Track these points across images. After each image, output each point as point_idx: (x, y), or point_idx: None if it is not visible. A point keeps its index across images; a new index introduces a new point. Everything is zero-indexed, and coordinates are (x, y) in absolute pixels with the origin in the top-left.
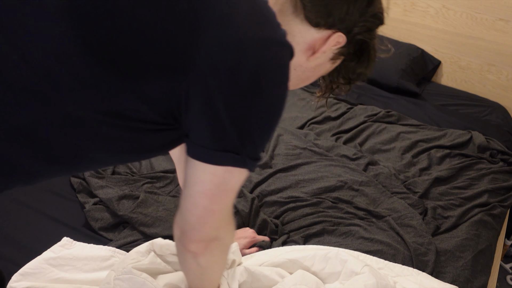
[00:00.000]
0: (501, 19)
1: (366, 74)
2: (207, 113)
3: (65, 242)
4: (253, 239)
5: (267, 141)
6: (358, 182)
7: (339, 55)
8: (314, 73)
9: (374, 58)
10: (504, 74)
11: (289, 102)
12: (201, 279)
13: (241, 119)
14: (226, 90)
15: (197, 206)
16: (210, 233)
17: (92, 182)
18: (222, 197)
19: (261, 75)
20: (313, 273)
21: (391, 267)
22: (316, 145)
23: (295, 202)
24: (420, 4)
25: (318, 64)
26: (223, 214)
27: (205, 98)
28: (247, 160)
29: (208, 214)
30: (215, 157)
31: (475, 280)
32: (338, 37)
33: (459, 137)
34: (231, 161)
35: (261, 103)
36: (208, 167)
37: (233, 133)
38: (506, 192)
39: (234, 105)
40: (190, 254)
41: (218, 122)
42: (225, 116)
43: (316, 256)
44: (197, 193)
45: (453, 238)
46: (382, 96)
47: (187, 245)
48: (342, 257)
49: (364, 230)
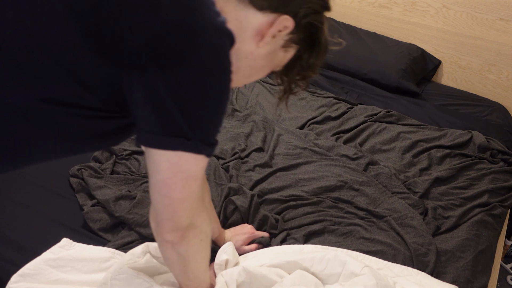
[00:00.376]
0: (502, 18)
1: (317, 64)
2: (150, 100)
3: (65, 243)
4: (252, 235)
5: (216, 126)
6: (359, 182)
7: (291, 42)
8: (267, 62)
9: (326, 47)
10: (505, 74)
11: (289, 102)
12: (185, 271)
13: (184, 103)
14: (165, 76)
15: (162, 196)
16: (183, 222)
17: (91, 183)
18: (184, 185)
19: (198, 60)
20: (313, 273)
21: (390, 267)
22: (316, 145)
23: (295, 201)
24: (420, 3)
25: (270, 51)
26: (192, 202)
27: (145, 85)
28: (200, 145)
29: (175, 203)
30: (164, 142)
31: (475, 280)
32: (285, 20)
33: (459, 137)
34: (181, 145)
35: (202, 88)
36: (161, 154)
37: (178, 117)
38: (506, 192)
39: (175, 90)
40: (168, 244)
41: (162, 108)
42: (168, 101)
43: (315, 258)
44: (158, 182)
45: (453, 238)
46: (382, 96)
47: (163, 235)
48: (341, 258)
49: (364, 230)
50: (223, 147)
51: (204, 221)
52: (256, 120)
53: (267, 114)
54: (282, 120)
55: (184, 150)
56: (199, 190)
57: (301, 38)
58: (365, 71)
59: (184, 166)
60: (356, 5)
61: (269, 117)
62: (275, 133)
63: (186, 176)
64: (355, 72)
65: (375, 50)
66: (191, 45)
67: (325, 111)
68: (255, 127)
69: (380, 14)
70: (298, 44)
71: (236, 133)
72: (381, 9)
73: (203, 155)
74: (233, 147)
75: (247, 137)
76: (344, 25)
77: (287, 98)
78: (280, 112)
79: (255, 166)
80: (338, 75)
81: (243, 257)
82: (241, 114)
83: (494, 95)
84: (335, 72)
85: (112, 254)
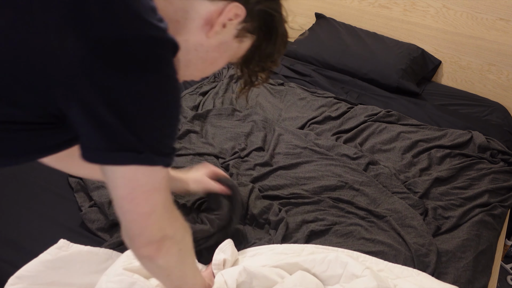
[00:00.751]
0: (502, 18)
1: (276, 54)
2: (91, 118)
3: (62, 244)
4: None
5: (169, 135)
6: (359, 182)
7: (245, 31)
8: (221, 54)
9: (284, 36)
10: (505, 74)
11: (289, 102)
12: (171, 280)
13: (127, 117)
14: (103, 91)
15: (126, 212)
16: (155, 235)
17: (89, 183)
18: (147, 199)
19: (138, 73)
20: (313, 274)
21: (391, 268)
22: (317, 145)
23: (296, 199)
24: (420, 3)
25: (221, 41)
26: (160, 214)
27: (83, 102)
28: (154, 157)
29: (141, 217)
30: (113, 158)
31: (476, 281)
32: (235, 8)
33: (459, 137)
34: (133, 160)
35: (145, 99)
36: (114, 171)
37: (123, 131)
38: (506, 192)
39: (115, 104)
40: (145, 259)
41: (103, 123)
42: (109, 116)
43: (316, 259)
44: (119, 199)
45: (454, 239)
46: (383, 96)
47: (138, 251)
48: (342, 259)
49: (365, 230)
50: (222, 146)
51: (178, 230)
52: (256, 120)
53: (267, 114)
54: (282, 120)
55: (137, 164)
56: (166, 200)
57: (255, 27)
58: (365, 71)
59: (142, 180)
60: (356, 5)
61: (269, 117)
62: (276, 133)
63: (147, 189)
64: (355, 72)
65: (375, 50)
66: (129, 58)
67: (325, 111)
68: (255, 127)
69: (380, 14)
70: (253, 33)
71: (236, 132)
72: (381, 9)
73: (159, 166)
74: (233, 147)
75: (247, 136)
76: (344, 25)
77: (248, 91)
78: (280, 112)
79: (255, 165)
80: (338, 75)
81: (241, 256)
82: (241, 114)
83: (494, 95)
84: (335, 72)
85: (110, 255)
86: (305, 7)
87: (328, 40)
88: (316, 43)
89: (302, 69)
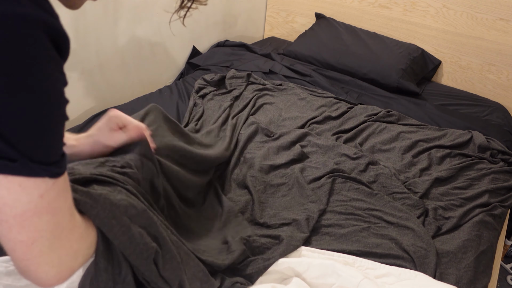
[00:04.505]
0: (502, 18)
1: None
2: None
3: None
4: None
5: (50, 137)
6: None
7: None
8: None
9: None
10: (505, 74)
11: (289, 102)
12: None
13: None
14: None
15: (14, 245)
16: (60, 269)
17: None
18: (22, 224)
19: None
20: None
21: (389, 270)
22: (317, 145)
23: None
24: (420, 3)
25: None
26: (47, 243)
27: None
28: (32, 166)
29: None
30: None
31: (477, 281)
32: None
33: (459, 137)
34: (4, 169)
35: (7, 95)
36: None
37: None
38: (506, 192)
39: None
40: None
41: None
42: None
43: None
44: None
45: (455, 239)
46: (383, 96)
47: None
48: (338, 271)
49: (362, 232)
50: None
51: (82, 246)
52: (257, 122)
53: (268, 116)
54: (282, 120)
55: (8, 174)
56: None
57: None
58: (365, 71)
59: (15, 196)
60: (356, 5)
61: (270, 118)
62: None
63: (25, 209)
64: (355, 72)
65: (375, 50)
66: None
67: (325, 111)
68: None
69: (380, 14)
70: None
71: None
72: (381, 9)
73: (44, 177)
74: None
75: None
76: (344, 25)
77: (185, 16)
78: (280, 112)
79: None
80: (338, 75)
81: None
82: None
83: (494, 95)
84: (335, 72)
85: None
86: (305, 7)
87: (328, 40)
88: (316, 43)
89: (302, 69)
